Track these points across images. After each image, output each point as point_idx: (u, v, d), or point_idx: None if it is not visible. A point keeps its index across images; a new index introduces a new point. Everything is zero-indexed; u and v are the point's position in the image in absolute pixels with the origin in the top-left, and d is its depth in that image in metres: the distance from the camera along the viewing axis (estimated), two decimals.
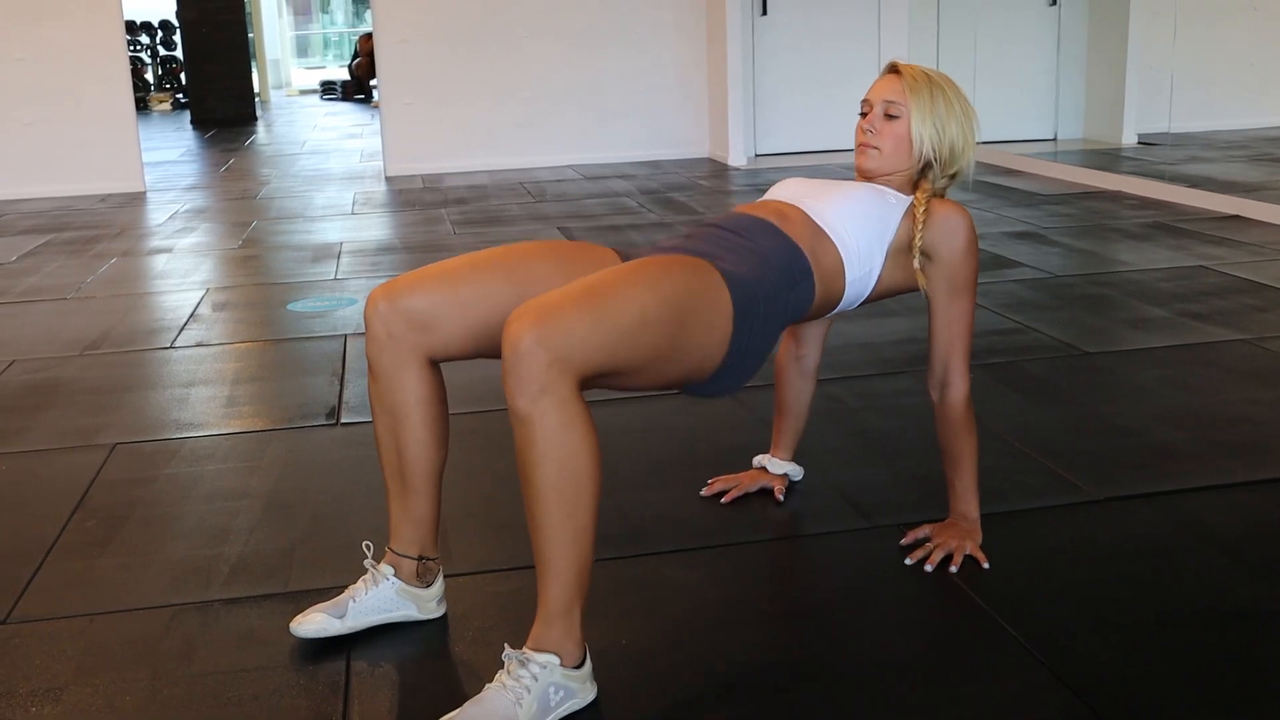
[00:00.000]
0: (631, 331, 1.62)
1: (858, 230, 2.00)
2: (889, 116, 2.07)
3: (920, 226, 2.02)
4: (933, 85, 2.07)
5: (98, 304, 4.41)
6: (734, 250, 1.87)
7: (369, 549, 1.95)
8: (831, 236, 1.99)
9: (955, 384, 2.09)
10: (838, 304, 2.04)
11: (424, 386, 1.84)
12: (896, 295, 2.12)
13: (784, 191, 2.12)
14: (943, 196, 2.12)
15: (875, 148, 2.08)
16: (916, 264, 2.03)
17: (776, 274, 1.88)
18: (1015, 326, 3.63)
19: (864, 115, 2.12)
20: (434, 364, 1.85)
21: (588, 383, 1.61)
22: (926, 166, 2.09)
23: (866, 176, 2.12)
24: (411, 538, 1.90)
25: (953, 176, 2.12)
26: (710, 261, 1.81)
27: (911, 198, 2.07)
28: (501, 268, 1.82)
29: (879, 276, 2.04)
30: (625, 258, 1.90)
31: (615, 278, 1.66)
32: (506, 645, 1.64)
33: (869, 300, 2.08)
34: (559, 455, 1.56)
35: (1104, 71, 7.93)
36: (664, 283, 1.69)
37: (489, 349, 1.82)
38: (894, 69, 2.11)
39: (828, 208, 2.01)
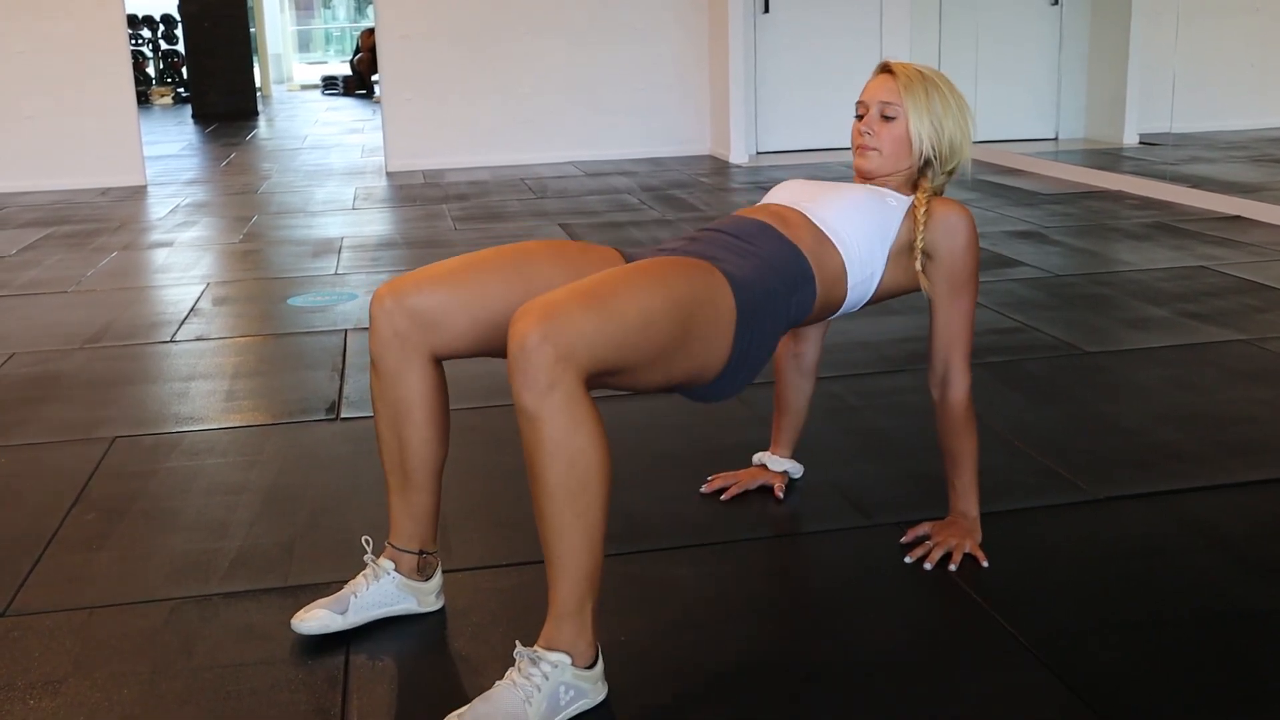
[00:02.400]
0: (637, 329, 1.62)
1: (859, 234, 2.00)
2: (885, 118, 2.06)
3: (921, 227, 2.02)
4: (927, 83, 2.06)
5: (98, 297, 4.41)
6: (737, 254, 1.87)
7: (368, 544, 1.94)
8: (833, 240, 1.98)
9: (956, 382, 2.08)
10: (839, 307, 2.03)
11: (427, 383, 1.84)
12: (898, 296, 2.12)
13: (784, 194, 2.11)
14: (942, 194, 2.12)
15: (874, 149, 2.08)
16: (918, 265, 2.03)
17: (778, 278, 1.88)
18: (1016, 325, 3.63)
19: (860, 117, 2.10)
20: (437, 361, 1.85)
21: (592, 381, 1.60)
22: (926, 164, 2.09)
23: (866, 178, 2.11)
24: (412, 532, 1.90)
25: (950, 173, 2.12)
26: (714, 264, 1.81)
27: (911, 198, 2.07)
28: (506, 267, 1.82)
29: (881, 279, 2.04)
30: (629, 258, 1.90)
31: (621, 277, 1.66)
32: (518, 643, 1.63)
33: (870, 302, 2.08)
34: (568, 453, 1.55)
35: (1105, 71, 7.93)
36: (669, 283, 1.69)
37: (493, 348, 1.82)
38: (887, 69, 2.09)
39: (829, 211, 2.01)
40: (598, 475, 1.58)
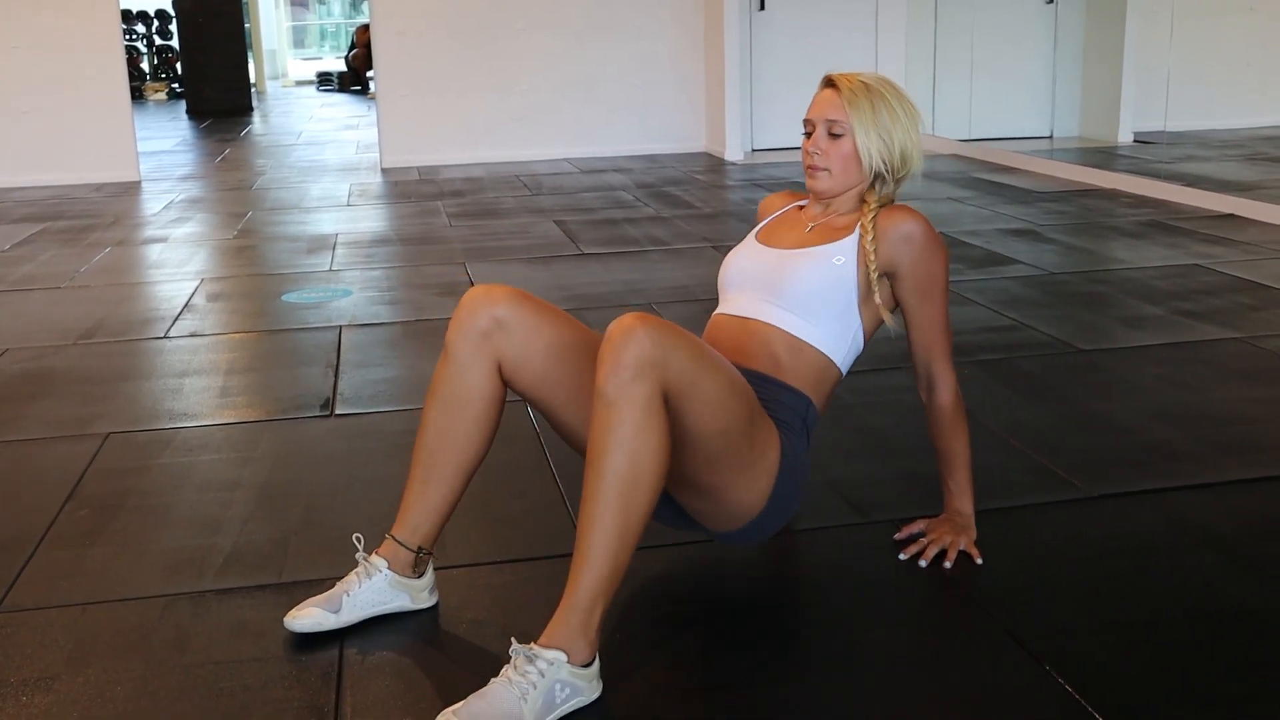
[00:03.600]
0: (719, 388, 1.70)
1: (826, 317, 1.99)
2: (833, 135, 2.02)
3: (872, 255, 1.98)
4: (872, 95, 2.00)
5: (92, 293, 4.40)
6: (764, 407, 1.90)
7: (359, 542, 1.94)
8: (809, 341, 1.98)
9: (942, 384, 2.08)
10: (838, 382, 2.05)
11: (489, 385, 1.88)
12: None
13: (736, 289, 2.07)
14: (892, 202, 2.07)
15: (824, 169, 2.03)
16: (877, 298, 1.99)
17: (793, 430, 1.91)
18: (1010, 323, 3.63)
19: (808, 135, 2.06)
20: (503, 376, 1.88)
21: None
22: (877, 177, 2.05)
23: (820, 197, 2.07)
24: (418, 526, 1.90)
25: (899, 180, 2.07)
26: None
27: (856, 232, 2.01)
28: (588, 330, 1.91)
29: (863, 329, 2.04)
30: None
31: (714, 351, 1.75)
32: (514, 640, 1.64)
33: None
34: (633, 446, 1.59)
35: (1101, 69, 7.94)
36: (745, 383, 1.78)
37: (551, 391, 1.88)
38: (830, 83, 2.05)
39: (790, 310, 1.99)
40: (652, 479, 1.61)
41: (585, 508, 1.62)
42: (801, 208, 2.17)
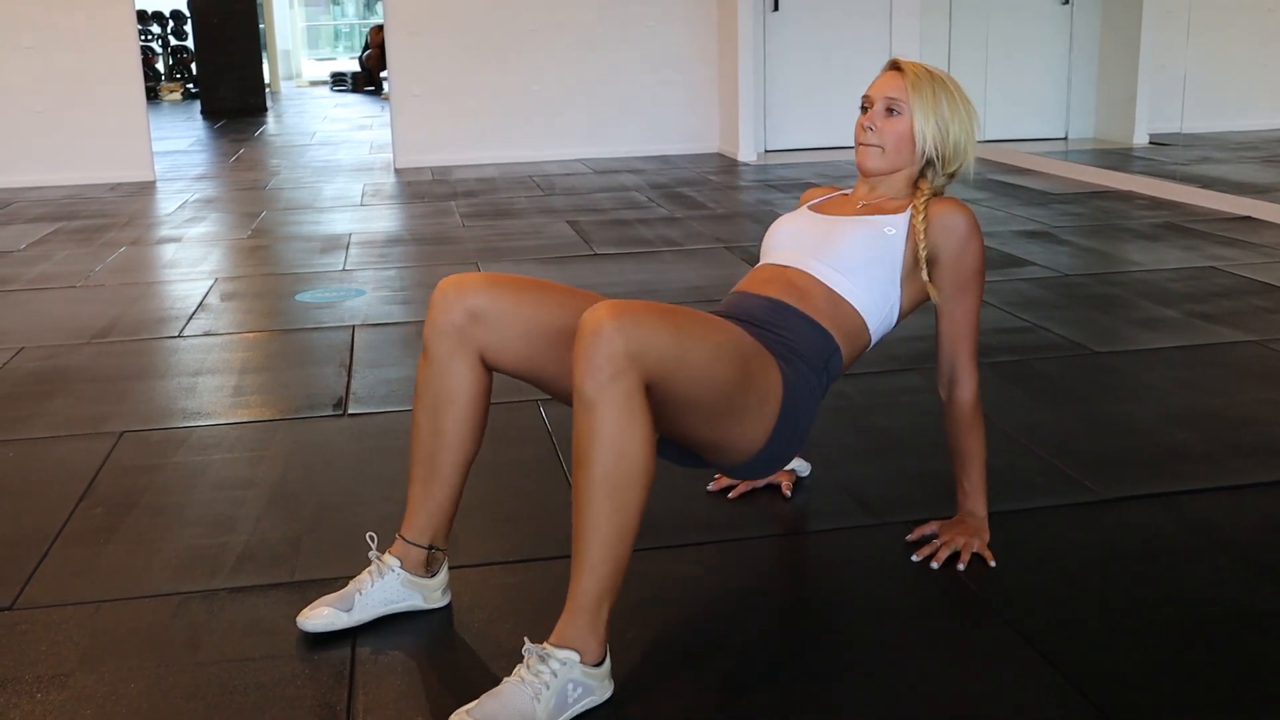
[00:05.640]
0: (703, 361, 1.68)
1: (869, 282, 2.00)
2: (891, 112, 2.04)
3: (922, 234, 2.00)
4: (935, 82, 2.04)
5: (106, 292, 4.42)
6: (768, 343, 1.89)
7: (373, 540, 1.94)
8: (848, 298, 1.99)
9: (964, 382, 2.07)
10: (867, 348, 2.05)
11: (473, 378, 1.86)
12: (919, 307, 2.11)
13: (784, 247, 2.09)
14: (942, 194, 2.10)
15: (877, 146, 2.05)
16: (924, 275, 2.02)
17: (809, 364, 1.91)
18: (1024, 325, 3.62)
19: (865, 110, 2.09)
20: (485, 364, 1.87)
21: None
22: (927, 164, 2.07)
23: (867, 174, 2.09)
24: (425, 526, 1.90)
25: (952, 175, 2.09)
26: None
27: (908, 211, 2.04)
28: (568, 294, 1.87)
29: (900, 306, 2.04)
30: None
31: (696, 313, 1.74)
32: (526, 639, 1.64)
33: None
34: (618, 446, 1.58)
35: (1116, 71, 7.90)
36: (736, 339, 1.77)
37: (539, 367, 1.86)
38: (896, 66, 2.07)
39: (835, 267, 2.00)
40: (642, 476, 1.61)
41: (578, 511, 1.61)
42: (846, 195, 2.18)
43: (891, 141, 2.05)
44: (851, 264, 2.00)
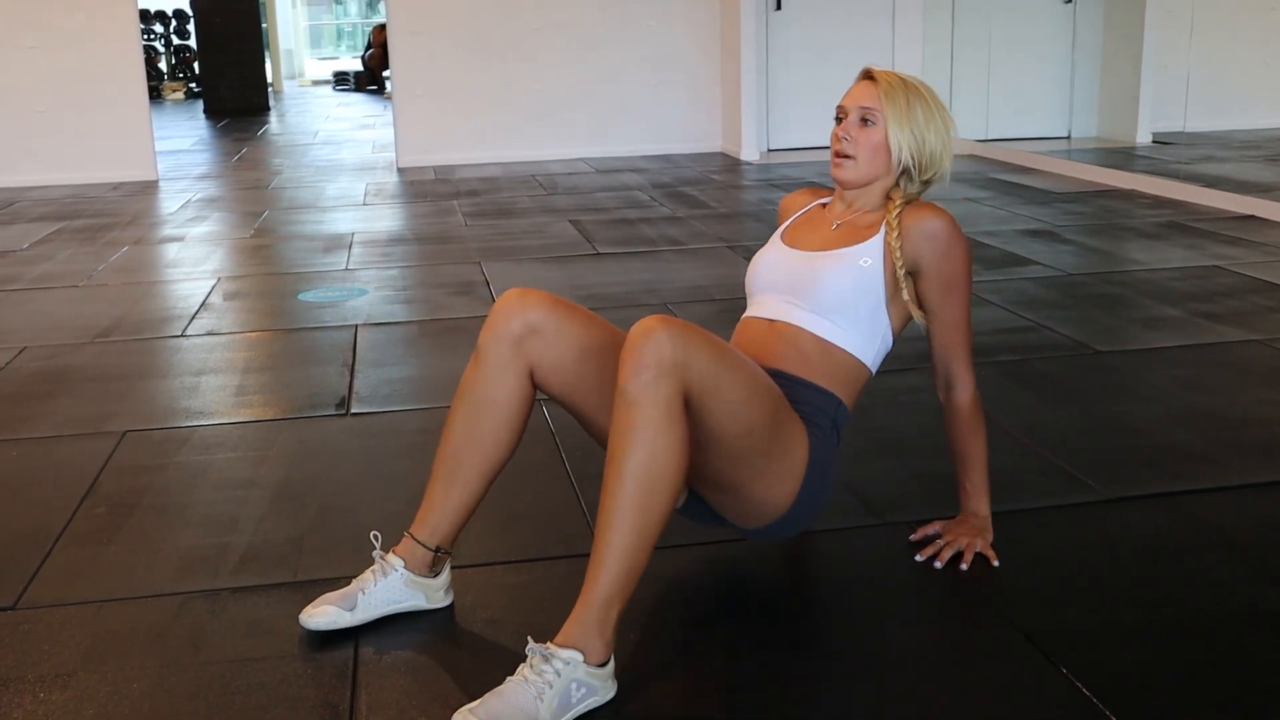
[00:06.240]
0: (740, 389, 1.70)
1: (855, 317, 1.98)
2: (865, 122, 2.01)
3: (898, 252, 1.98)
4: (909, 91, 2.00)
5: (109, 292, 4.42)
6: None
7: (377, 539, 1.94)
8: (838, 343, 1.97)
9: (960, 384, 2.06)
10: (869, 380, 2.04)
11: (518, 390, 1.88)
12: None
13: (765, 292, 2.06)
14: (914, 201, 2.05)
15: (851, 157, 2.02)
16: (905, 295, 2.00)
17: (823, 430, 1.91)
18: (1027, 324, 3.62)
19: (839, 121, 2.06)
20: (533, 379, 1.88)
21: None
22: (903, 173, 2.04)
23: (844, 186, 2.06)
24: (437, 527, 1.90)
25: (927, 182, 2.06)
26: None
27: (882, 231, 2.00)
28: (619, 340, 1.89)
29: (891, 328, 2.03)
30: None
31: (740, 354, 1.76)
32: (530, 639, 1.64)
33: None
34: (653, 446, 1.60)
35: (1119, 69, 7.90)
36: (769, 382, 1.80)
37: (580, 398, 1.89)
38: (869, 75, 2.04)
39: (818, 312, 1.98)
40: (671, 478, 1.62)
41: (604, 506, 1.62)
42: (824, 206, 2.16)
43: (866, 152, 2.01)
44: (834, 305, 1.98)
